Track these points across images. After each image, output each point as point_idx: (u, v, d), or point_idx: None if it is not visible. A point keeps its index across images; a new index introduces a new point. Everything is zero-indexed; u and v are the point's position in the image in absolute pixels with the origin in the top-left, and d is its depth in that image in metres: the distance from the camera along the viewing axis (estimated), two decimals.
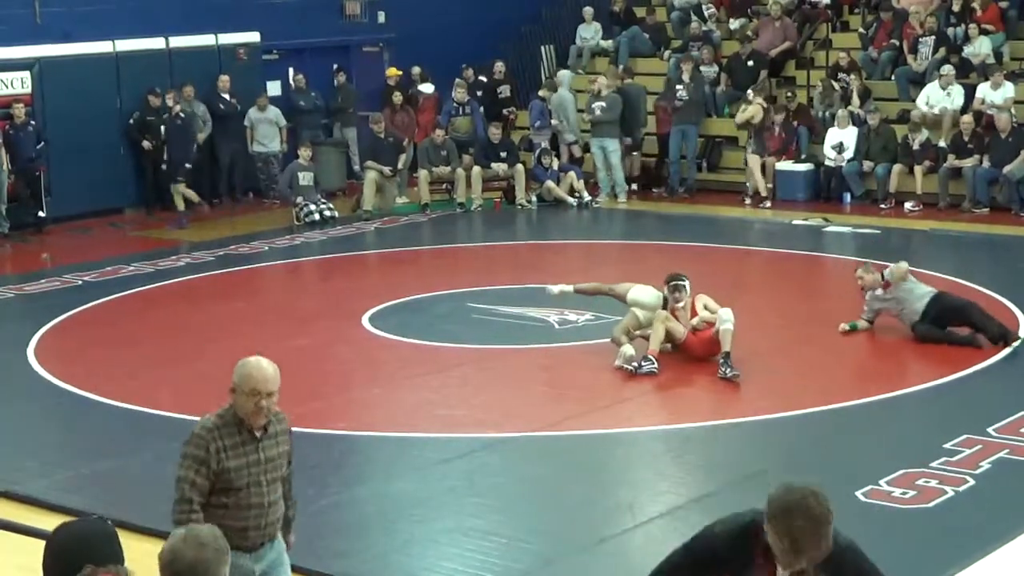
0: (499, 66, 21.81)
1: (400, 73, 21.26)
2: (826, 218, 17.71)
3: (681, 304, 11.27)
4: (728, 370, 10.76)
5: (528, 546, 7.67)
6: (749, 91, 19.94)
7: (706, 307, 11.24)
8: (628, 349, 11.13)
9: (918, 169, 18.27)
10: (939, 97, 18.99)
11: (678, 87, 19.83)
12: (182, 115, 18.80)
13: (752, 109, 19.47)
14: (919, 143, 18.40)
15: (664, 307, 11.37)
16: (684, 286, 11.28)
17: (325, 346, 12.33)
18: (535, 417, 10.02)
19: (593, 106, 19.57)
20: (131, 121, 19.28)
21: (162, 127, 18.89)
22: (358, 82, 22.01)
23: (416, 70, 21.52)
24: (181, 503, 5.41)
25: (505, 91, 21.72)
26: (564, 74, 21.33)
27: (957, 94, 18.87)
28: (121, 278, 15.35)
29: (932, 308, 11.56)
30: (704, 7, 22.75)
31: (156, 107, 19.35)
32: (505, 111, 21.48)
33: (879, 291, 11.88)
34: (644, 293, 11.54)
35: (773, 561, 4.09)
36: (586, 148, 20.57)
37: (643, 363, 10.85)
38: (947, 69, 19.00)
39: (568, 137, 20.57)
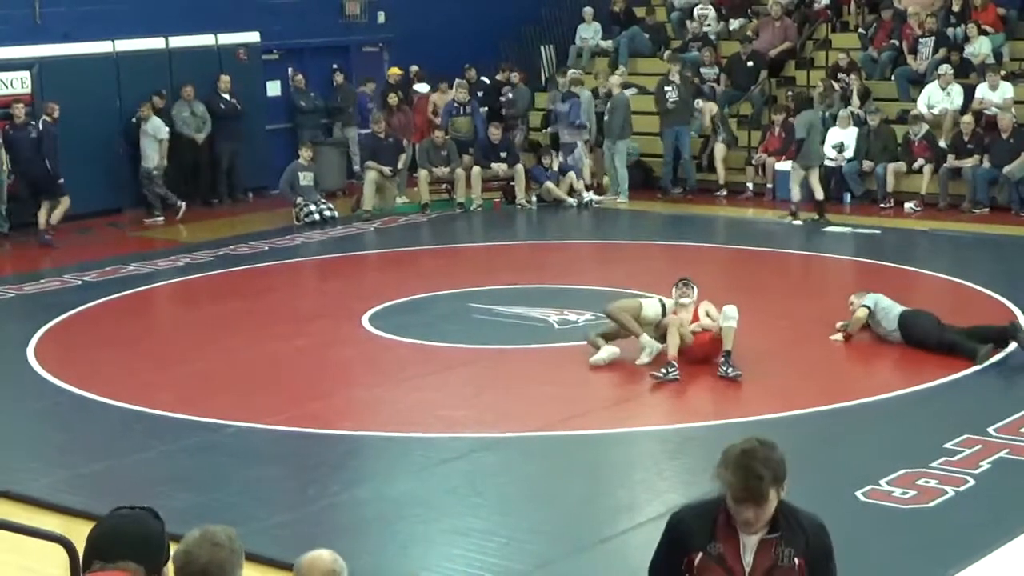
0: (504, 67, 21.81)
1: (402, 73, 21.27)
2: (826, 218, 17.69)
3: (687, 302, 11.30)
4: (730, 369, 10.77)
5: (528, 546, 7.67)
6: (698, 102, 20.20)
7: (708, 314, 11.25)
8: (606, 355, 11.25)
9: (927, 168, 18.24)
10: (939, 97, 19.00)
11: (666, 88, 19.79)
12: (39, 124, 17.46)
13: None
14: (919, 137, 18.42)
15: (664, 312, 11.41)
16: (692, 286, 11.40)
17: (325, 346, 12.33)
18: (535, 417, 10.02)
19: (609, 105, 19.58)
20: (133, 121, 19.27)
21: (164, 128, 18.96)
22: (357, 82, 22.01)
23: (414, 69, 21.54)
24: None
25: (508, 92, 21.71)
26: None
27: (956, 94, 18.88)
28: (121, 278, 15.35)
29: (918, 326, 11.44)
30: (698, 7, 22.67)
31: (159, 108, 19.36)
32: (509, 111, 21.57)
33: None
34: (648, 308, 11.57)
35: (735, 529, 4.20)
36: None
37: (668, 370, 10.82)
38: (945, 69, 19.00)
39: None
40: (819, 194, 17.58)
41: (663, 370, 10.80)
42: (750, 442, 4.20)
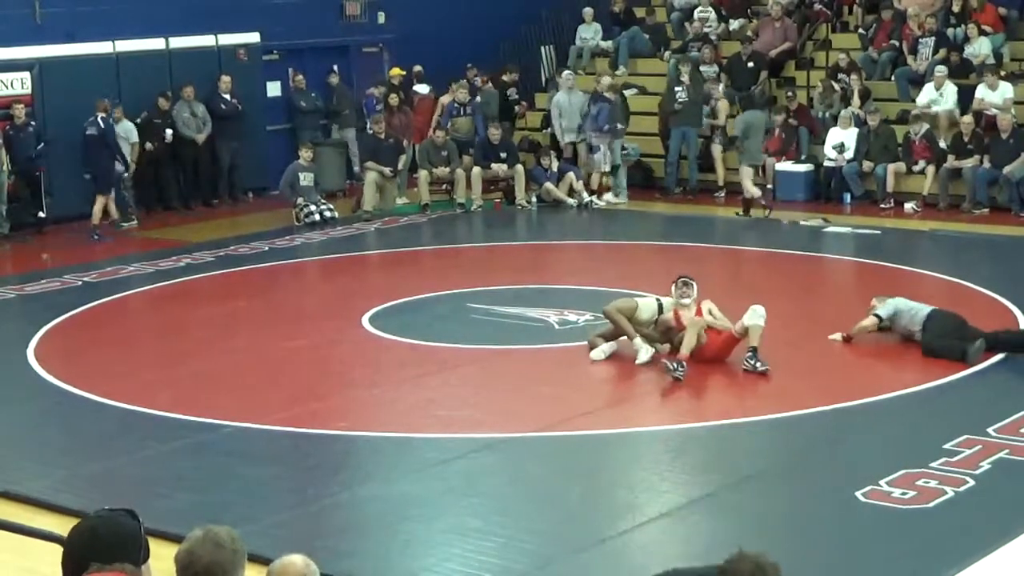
0: (510, 68, 21.78)
1: (404, 73, 21.24)
2: (826, 218, 17.71)
3: (687, 301, 11.30)
4: (758, 363, 10.79)
5: (527, 546, 7.66)
6: (719, 89, 20.18)
7: (711, 312, 11.25)
8: (606, 347, 11.36)
9: (929, 169, 18.24)
10: (934, 98, 19.00)
11: (677, 89, 19.79)
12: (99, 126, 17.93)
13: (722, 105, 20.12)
14: (920, 136, 18.42)
15: (660, 311, 11.42)
16: (693, 284, 11.40)
17: (325, 346, 12.33)
18: (535, 417, 10.01)
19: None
20: (138, 121, 19.26)
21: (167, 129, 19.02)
22: (358, 83, 22.01)
23: (417, 69, 21.50)
24: None
25: (513, 93, 21.66)
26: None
27: (950, 94, 18.89)
28: (121, 278, 15.35)
29: (929, 328, 11.39)
30: (698, 10, 22.63)
31: (165, 110, 19.36)
32: (517, 108, 21.52)
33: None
34: (644, 309, 11.58)
35: None
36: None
37: (677, 367, 10.79)
38: (939, 70, 19.01)
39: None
40: (754, 192, 18.28)
41: (673, 364, 10.79)
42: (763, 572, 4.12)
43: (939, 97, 18.93)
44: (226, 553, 3.89)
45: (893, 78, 20.23)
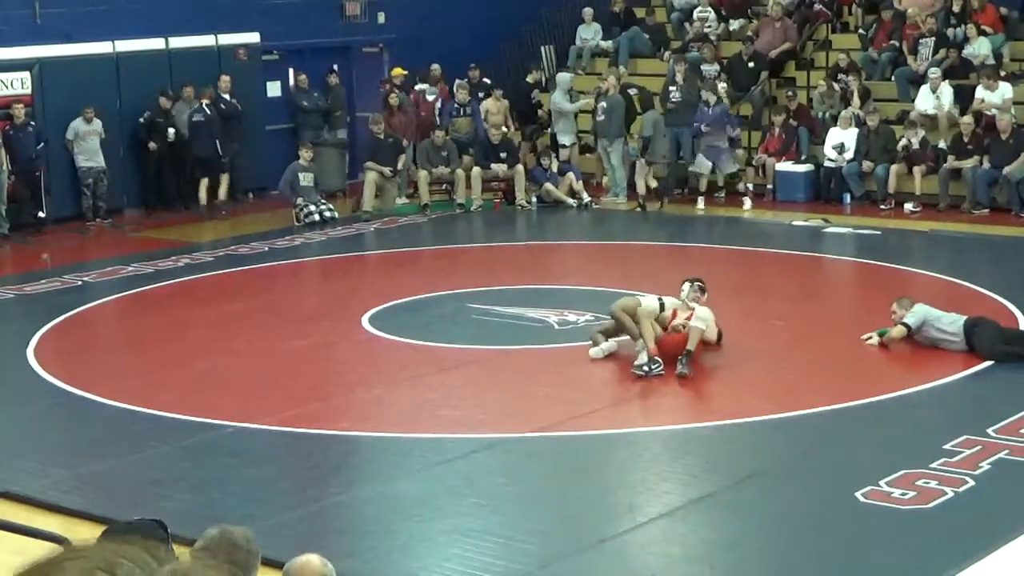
0: (533, 68, 21.72)
1: (406, 73, 21.19)
2: (826, 219, 17.71)
3: (695, 306, 11.31)
4: (684, 368, 10.81)
5: (528, 547, 7.67)
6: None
7: (699, 317, 11.25)
8: (605, 346, 11.43)
9: (916, 169, 18.25)
10: (931, 102, 18.99)
11: (671, 88, 19.77)
12: (206, 112, 19.15)
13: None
14: (917, 141, 18.41)
15: (662, 308, 11.43)
16: (706, 291, 11.45)
17: (325, 346, 12.34)
18: (535, 417, 10.01)
19: (597, 107, 19.60)
20: (141, 120, 19.25)
21: (169, 128, 19.11)
22: (358, 83, 21.99)
23: (435, 67, 21.31)
24: None
25: (536, 94, 21.61)
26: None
27: (945, 96, 18.88)
28: (121, 278, 15.34)
29: (979, 334, 11.26)
30: (697, 10, 22.62)
31: (167, 109, 19.36)
32: (540, 111, 21.52)
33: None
34: (646, 307, 11.60)
35: None
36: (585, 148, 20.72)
37: (652, 366, 10.82)
38: (935, 72, 19.01)
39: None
40: (652, 184, 19.18)
41: (646, 367, 10.80)
42: None
43: (935, 99, 18.93)
44: (241, 553, 3.92)
45: (893, 78, 20.23)
